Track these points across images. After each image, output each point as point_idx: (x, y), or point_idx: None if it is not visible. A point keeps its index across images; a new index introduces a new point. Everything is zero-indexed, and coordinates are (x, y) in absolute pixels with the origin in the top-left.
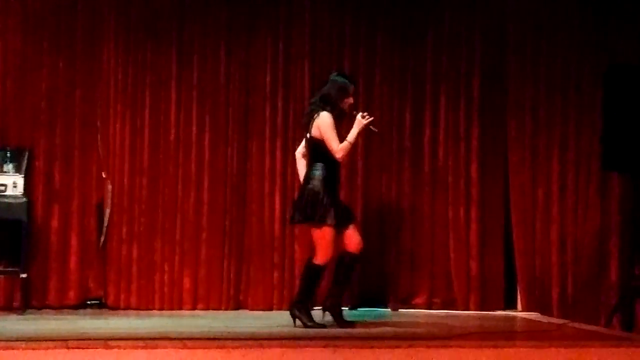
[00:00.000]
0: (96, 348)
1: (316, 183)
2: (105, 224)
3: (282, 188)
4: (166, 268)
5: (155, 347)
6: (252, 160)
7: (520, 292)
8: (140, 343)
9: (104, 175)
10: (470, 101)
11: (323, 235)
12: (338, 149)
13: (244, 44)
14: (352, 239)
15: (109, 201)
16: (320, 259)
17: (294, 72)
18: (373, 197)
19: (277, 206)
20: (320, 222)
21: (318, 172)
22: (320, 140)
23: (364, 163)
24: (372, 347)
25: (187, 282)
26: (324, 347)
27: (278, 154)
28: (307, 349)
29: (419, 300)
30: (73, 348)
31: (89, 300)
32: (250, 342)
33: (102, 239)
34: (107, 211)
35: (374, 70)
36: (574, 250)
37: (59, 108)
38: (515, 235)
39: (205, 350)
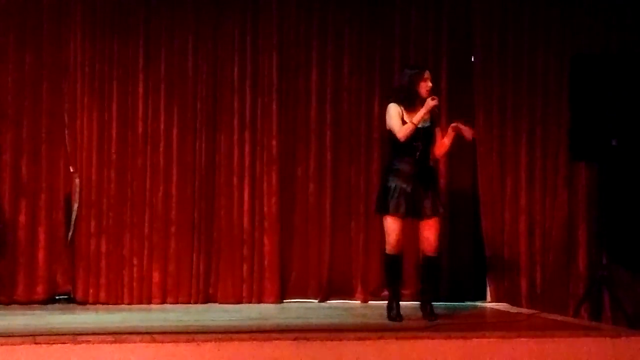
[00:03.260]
0: (65, 343)
1: (388, 175)
2: (73, 218)
3: (251, 181)
4: (135, 262)
5: (125, 342)
6: (220, 153)
7: (489, 283)
8: (109, 338)
9: (71, 170)
10: (438, 92)
11: (385, 225)
12: (399, 129)
13: (211, 36)
14: (423, 236)
15: (76, 195)
16: (387, 247)
17: (262, 64)
18: (342, 188)
19: (246, 199)
20: (381, 212)
21: (393, 167)
22: (390, 131)
23: (332, 155)
24: (341, 340)
25: (156, 276)
26: (294, 340)
27: (247, 146)
28: (277, 341)
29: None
30: (41, 343)
31: (58, 295)
32: (220, 336)
33: (70, 233)
34: (75, 205)
35: (342, 62)
36: (543, 240)
37: (26, 102)
38: (484, 226)
39: (175, 344)
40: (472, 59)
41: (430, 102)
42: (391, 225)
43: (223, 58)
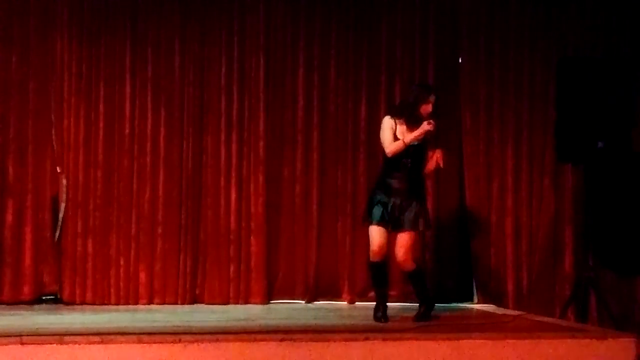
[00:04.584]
0: (51, 344)
1: (376, 190)
2: (60, 218)
3: (237, 181)
4: (122, 262)
5: (111, 342)
6: (207, 154)
7: (475, 284)
8: (96, 338)
9: (58, 170)
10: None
11: (369, 233)
12: (389, 144)
13: (198, 37)
14: (394, 249)
15: (63, 195)
16: (369, 255)
17: (249, 65)
18: (329, 189)
19: (233, 200)
20: (365, 221)
21: (382, 181)
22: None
23: (319, 156)
24: (328, 341)
25: (143, 277)
26: (281, 341)
27: (233, 147)
28: (264, 342)
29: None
30: (28, 344)
31: (44, 296)
32: (206, 337)
33: (57, 233)
34: (62, 205)
35: (328, 63)
36: (529, 242)
37: (12, 102)
38: (470, 228)
39: (161, 345)
40: (459, 61)
41: (425, 126)
42: (372, 233)
43: (210, 59)
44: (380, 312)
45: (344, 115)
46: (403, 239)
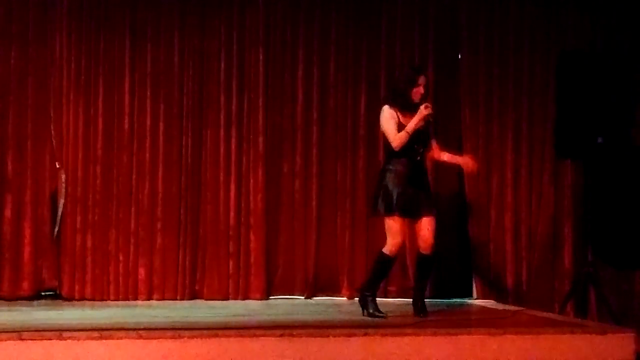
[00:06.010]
0: (50, 339)
1: (385, 176)
2: (59, 214)
3: (237, 177)
4: (121, 258)
5: (110, 338)
6: (207, 149)
7: (475, 280)
8: (95, 334)
9: (57, 165)
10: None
11: (389, 225)
12: (394, 138)
13: (197, 32)
14: (419, 235)
15: (62, 191)
16: (387, 248)
17: (249, 60)
18: (328, 185)
19: (232, 195)
20: (385, 213)
21: (391, 167)
22: (385, 134)
23: (319, 151)
24: (327, 336)
25: (142, 272)
26: (280, 336)
27: (233, 142)
28: (263, 338)
29: None
30: (27, 339)
31: (43, 291)
32: (206, 332)
33: (56, 229)
34: (61, 201)
35: (328, 58)
36: (528, 237)
37: (11, 97)
38: (470, 223)
39: (161, 340)
40: (459, 57)
41: (423, 111)
42: (395, 226)
43: (209, 54)
44: (373, 308)
45: (343, 111)
46: (429, 224)
